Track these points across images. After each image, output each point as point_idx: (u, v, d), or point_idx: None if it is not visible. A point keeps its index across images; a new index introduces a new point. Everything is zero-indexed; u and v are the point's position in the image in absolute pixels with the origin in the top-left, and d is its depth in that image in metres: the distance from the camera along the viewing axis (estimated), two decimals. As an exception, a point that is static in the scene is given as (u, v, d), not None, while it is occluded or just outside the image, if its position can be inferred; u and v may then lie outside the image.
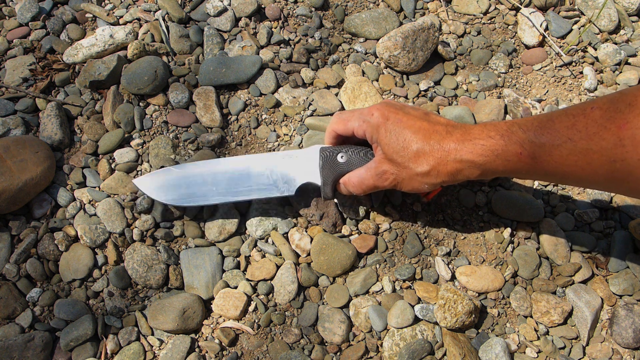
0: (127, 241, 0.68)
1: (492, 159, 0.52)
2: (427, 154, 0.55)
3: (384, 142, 0.57)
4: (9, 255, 0.66)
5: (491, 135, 0.52)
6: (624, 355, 0.64)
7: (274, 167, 0.65)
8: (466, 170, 0.54)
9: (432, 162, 0.54)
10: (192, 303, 0.64)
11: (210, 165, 0.67)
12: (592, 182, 0.49)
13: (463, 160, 0.53)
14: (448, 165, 0.54)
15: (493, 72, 0.84)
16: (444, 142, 0.54)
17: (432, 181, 0.56)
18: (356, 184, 0.61)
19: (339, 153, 0.63)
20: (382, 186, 0.59)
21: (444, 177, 0.55)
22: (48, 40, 0.82)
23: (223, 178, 0.66)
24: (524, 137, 0.50)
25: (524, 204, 0.70)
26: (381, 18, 0.85)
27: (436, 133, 0.55)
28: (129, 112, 0.75)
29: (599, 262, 0.69)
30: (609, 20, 0.86)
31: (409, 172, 0.56)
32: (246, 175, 0.66)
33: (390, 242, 0.69)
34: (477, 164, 0.53)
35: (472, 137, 0.53)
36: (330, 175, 0.63)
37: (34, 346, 0.62)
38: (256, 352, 0.63)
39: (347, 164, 0.62)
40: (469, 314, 0.62)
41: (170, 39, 0.82)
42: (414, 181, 0.57)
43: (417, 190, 0.58)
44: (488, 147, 0.52)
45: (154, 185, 0.66)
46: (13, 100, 0.77)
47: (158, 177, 0.67)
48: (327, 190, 0.64)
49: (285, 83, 0.80)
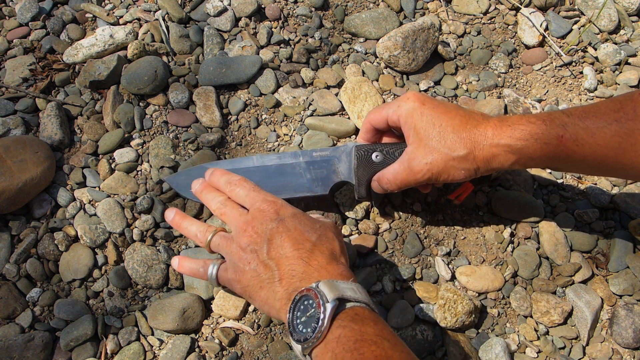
0: (127, 241, 0.68)
1: (531, 142, 0.52)
2: (464, 137, 0.54)
3: (419, 126, 0.56)
4: (9, 255, 0.66)
5: (531, 120, 0.53)
6: (624, 355, 0.64)
7: (308, 165, 0.65)
8: (502, 156, 0.54)
9: (469, 146, 0.54)
10: (192, 303, 0.64)
11: (243, 163, 0.66)
12: (631, 167, 0.50)
13: (500, 144, 0.53)
14: (484, 149, 0.54)
15: (493, 72, 0.84)
16: (481, 127, 0.55)
17: (468, 166, 0.55)
18: (391, 179, 0.60)
19: (374, 152, 0.62)
20: (416, 179, 0.58)
21: (480, 162, 0.55)
22: (48, 40, 0.82)
23: (256, 177, 0.65)
24: (567, 120, 0.51)
25: (524, 204, 0.70)
26: (381, 18, 0.86)
27: (472, 119, 0.56)
28: (129, 112, 0.75)
29: (599, 262, 0.69)
30: (609, 20, 0.86)
31: (445, 158, 0.55)
32: (279, 173, 0.65)
33: (390, 242, 0.69)
34: (515, 149, 0.53)
35: (510, 122, 0.54)
36: (365, 175, 0.63)
37: (34, 346, 0.62)
38: (256, 352, 0.63)
39: (382, 163, 0.62)
40: (469, 314, 0.62)
41: (170, 39, 0.82)
42: (450, 168, 0.56)
43: (453, 178, 0.57)
44: (528, 131, 0.52)
45: (186, 183, 0.67)
46: (13, 100, 0.77)
47: (190, 175, 0.67)
48: (362, 190, 0.63)
49: (285, 83, 0.80)
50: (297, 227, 0.54)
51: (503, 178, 0.73)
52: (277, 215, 0.55)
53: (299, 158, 0.66)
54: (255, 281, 0.53)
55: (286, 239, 0.52)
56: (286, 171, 0.65)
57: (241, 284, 0.54)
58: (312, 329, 0.45)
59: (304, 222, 0.55)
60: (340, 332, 0.44)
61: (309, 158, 0.65)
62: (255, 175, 0.65)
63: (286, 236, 0.53)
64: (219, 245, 0.58)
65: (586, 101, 0.82)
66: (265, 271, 0.52)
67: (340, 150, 0.65)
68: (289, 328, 0.48)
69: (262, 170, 0.66)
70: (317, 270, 0.50)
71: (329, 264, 0.51)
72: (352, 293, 0.47)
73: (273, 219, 0.54)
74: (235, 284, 0.55)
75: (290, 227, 0.54)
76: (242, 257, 0.54)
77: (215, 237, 0.59)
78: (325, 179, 0.65)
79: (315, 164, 0.65)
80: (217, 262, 0.58)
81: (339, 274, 0.50)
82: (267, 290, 0.52)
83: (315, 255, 0.51)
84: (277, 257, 0.52)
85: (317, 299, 0.46)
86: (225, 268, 0.57)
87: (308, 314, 0.46)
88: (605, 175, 0.58)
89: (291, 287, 0.50)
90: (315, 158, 0.65)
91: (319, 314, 0.45)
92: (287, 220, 0.54)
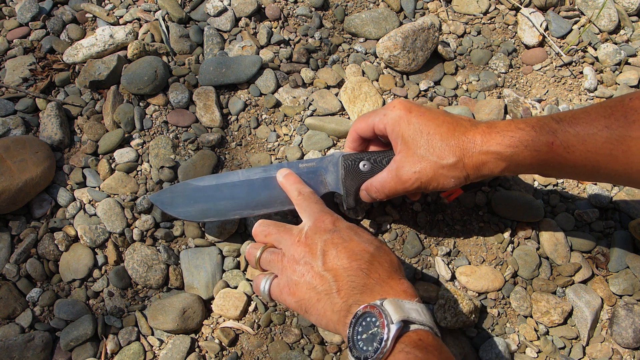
0: (127, 241, 0.68)
1: (521, 150, 0.51)
2: (453, 145, 0.53)
3: (407, 135, 0.55)
4: (9, 255, 0.66)
5: (520, 127, 0.52)
6: (624, 355, 0.64)
7: None
8: (491, 163, 0.53)
9: (458, 153, 0.53)
10: (192, 303, 0.64)
11: (228, 178, 0.64)
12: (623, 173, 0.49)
13: (490, 151, 0.52)
14: (473, 157, 0.53)
15: (493, 72, 0.84)
16: (469, 134, 0.53)
17: (458, 174, 0.54)
18: (379, 189, 0.59)
19: (361, 161, 0.61)
20: (405, 188, 0.57)
21: (469, 170, 0.54)
22: (48, 40, 0.82)
23: (241, 191, 0.63)
24: (557, 127, 0.50)
25: (524, 204, 0.70)
26: (381, 18, 0.86)
27: (460, 126, 0.55)
28: (129, 112, 0.75)
29: (599, 262, 0.69)
30: (609, 20, 0.86)
31: (434, 166, 0.54)
32: (265, 187, 0.63)
33: (390, 242, 0.69)
34: (504, 156, 0.52)
35: (499, 129, 0.53)
36: (353, 185, 0.61)
37: (34, 346, 0.62)
38: (256, 352, 0.63)
39: (370, 172, 0.61)
40: (469, 314, 0.62)
41: (170, 39, 0.82)
42: (439, 176, 0.55)
43: (442, 186, 0.56)
44: (517, 138, 0.51)
45: (170, 200, 0.64)
46: (13, 100, 0.77)
47: (174, 193, 0.65)
48: (350, 200, 0.62)
49: (285, 83, 0.80)
50: (352, 238, 0.52)
51: (503, 178, 0.73)
52: (333, 226, 0.53)
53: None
54: (312, 293, 0.50)
55: (342, 250, 0.51)
56: (272, 184, 0.63)
57: (296, 298, 0.52)
58: (374, 349, 0.44)
59: (360, 233, 0.53)
60: (402, 358, 0.43)
61: (296, 170, 0.63)
62: (241, 189, 0.63)
63: (342, 247, 0.51)
64: (270, 261, 0.56)
65: (586, 101, 0.82)
66: (322, 283, 0.50)
67: (326, 160, 0.64)
68: (348, 343, 0.46)
69: (247, 185, 0.63)
70: (378, 284, 0.48)
71: (390, 278, 0.49)
72: (417, 315, 0.46)
73: (328, 229, 0.53)
74: (289, 298, 0.53)
75: (346, 237, 0.52)
76: (295, 269, 0.52)
77: (264, 253, 0.57)
78: (314, 191, 0.62)
79: (302, 176, 0.63)
80: (270, 277, 0.56)
81: (402, 291, 0.48)
82: (325, 302, 0.50)
83: (375, 267, 0.50)
84: (334, 268, 0.50)
85: (382, 319, 0.44)
86: (278, 283, 0.54)
87: (370, 332, 0.45)
88: (596, 181, 0.57)
89: (351, 299, 0.48)
90: (301, 170, 0.63)
91: (382, 334, 0.44)
92: (343, 231, 0.53)
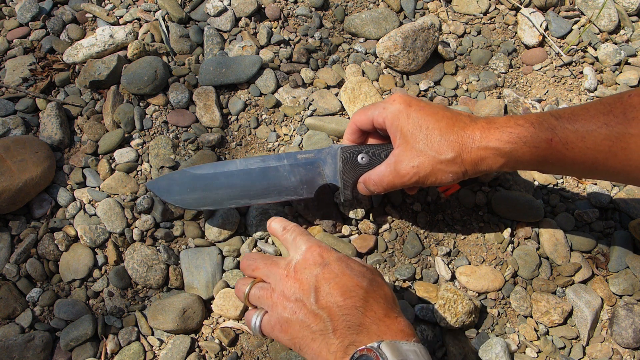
0: (127, 241, 0.68)
1: (520, 146, 0.51)
2: (452, 140, 0.53)
3: (406, 129, 0.55)
4: (9, 255, 0.66)
5: (520, 123, 0.52)
6: (624, 355, 0.64)
7: (293, 168, 0.63)
8: (490, 159, 0.53)
9: (457, 148, 0.53)
10: (192, 303, 0.64)
11: (226, 167, 0.64)
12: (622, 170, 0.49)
13: (488, 147, 0.52)
14: (472, 152, 0.53)
15: (493, 72, 0.84)
16: (468, 129, 0.53)
17: (456, 169, 0.54)
18: (377, 182, 0.59)
19: (359, 153, 0.61)
20: (403, 182, 0.56)
21: (467, 165, 0.54)
22: (48, 40, 0.82)
23: (239, 180, 0.63)
24: (556, 124, 0.50)
25: (524, 204, 0.70)
26: (381, 18, 0.86)
27: (460, 121, 0.55)
28: (129, 112, 0.75)
29: (599, 262, 0.69)
30: (609, 20, 0.86)
31: (432, 161, 0.54)
32: (263, 176, 0.63)
33: (390, 242, 0.69)
34: (503, 152, 0.52)
35: (498, 125, 0.53)
36: (351, 177, 0.61)
37: (34, 346, 0.62)
38: (256, 352, 0.63)
39: (368, 165, 0.61)
40: (469, 314, 0.62)
41: (170, 39, 0.82)
42: (437, 171, 0.55)
43: (440, 181, 0.56)
44: (516, 134, 0.51)
45: (167, 187, 0.64)
46: (13, 100, 0.77)
47: (171, 180, 0.65)
48: (347, 193, 0.62)
49: (285, 83, 0.80)
50: (344, 272, 0.50)
51: (503, 178, 0.73)
52: (322, 259, 0.51)
53: (283, 161, 0.64)
54: (306, 332, 0.49)
55: (335, 286, 0.49)
56: (270, 174, 0.63)
57: (288, 335, 0.50)
58: None
59: (351, 266, 0.51)
60: None
61: (293, 160, 0.63)
62: (238, 178, 0.63)
63: (334, 283, 0.49)
64: (260, 297, 0.54)
65: (586, 101, 0.82)
66: (316, 322, 0.48)
67: (325, 152, 0.63)
68: None
69: (245, 174, 0.63)
70: (375, 323, 0.47)
71: (386, 317, 0.48)
72: (414, 357, 0.45)
73: (317, 263, 0.51)
74: (281, 335, 0.51)
75: (337, 271, 0.50)
76: (286, 306, 0.50)
77: (253, 289, 0.55)
78: (311, 181, 0.63)
79: (300, 167, 0.63)
80: (261, 312, 0.54)
81: (399, 331, 0.47)
82: (320, 343, 0.48)
83: (371, 304, 0.48)
84: (327, 307, 0.48)
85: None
86: (269, 320, 0.52)
87: None
88: (595, 178, 0.57)
89: (347, 340, 0.47)
90: (299, 160, 0.63)
91: None
92: (333, 265, 0.51)
